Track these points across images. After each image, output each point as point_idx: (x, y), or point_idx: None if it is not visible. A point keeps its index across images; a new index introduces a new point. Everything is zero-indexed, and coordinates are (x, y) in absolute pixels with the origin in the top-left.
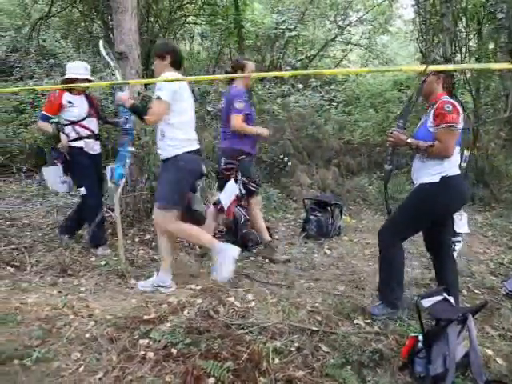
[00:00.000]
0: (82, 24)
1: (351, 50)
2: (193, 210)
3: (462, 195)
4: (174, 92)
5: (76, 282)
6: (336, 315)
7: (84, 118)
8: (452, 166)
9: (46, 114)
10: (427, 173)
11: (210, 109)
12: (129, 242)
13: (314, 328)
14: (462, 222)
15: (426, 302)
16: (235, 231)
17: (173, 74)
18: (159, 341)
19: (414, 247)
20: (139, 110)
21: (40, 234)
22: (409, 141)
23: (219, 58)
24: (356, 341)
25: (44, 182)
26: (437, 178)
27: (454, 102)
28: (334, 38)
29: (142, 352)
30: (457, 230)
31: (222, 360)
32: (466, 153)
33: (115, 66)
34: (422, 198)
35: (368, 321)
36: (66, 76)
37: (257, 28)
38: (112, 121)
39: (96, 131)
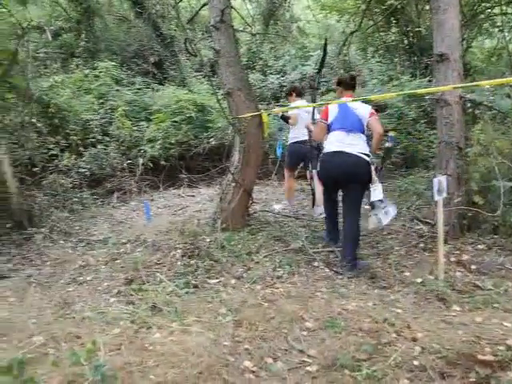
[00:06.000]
0: (376, 35)
1: None
2: None
3: (323, 169)
4: None
5: (392, 296)
6: None
7: None
8: (326, 146)
9: None
10: None
11: None
12: (443, 260)
13: None
14: (376, 191)
15: None
16: None
17: None
18: None
19: None
20: None
21: None
22: None
23: None
24: None
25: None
26: None
27: (330, 105)
28: None
29: None
30: (372, 199)
31: None
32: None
33: None
34: None
35: None
36: None
37: None
38: None
39: None
